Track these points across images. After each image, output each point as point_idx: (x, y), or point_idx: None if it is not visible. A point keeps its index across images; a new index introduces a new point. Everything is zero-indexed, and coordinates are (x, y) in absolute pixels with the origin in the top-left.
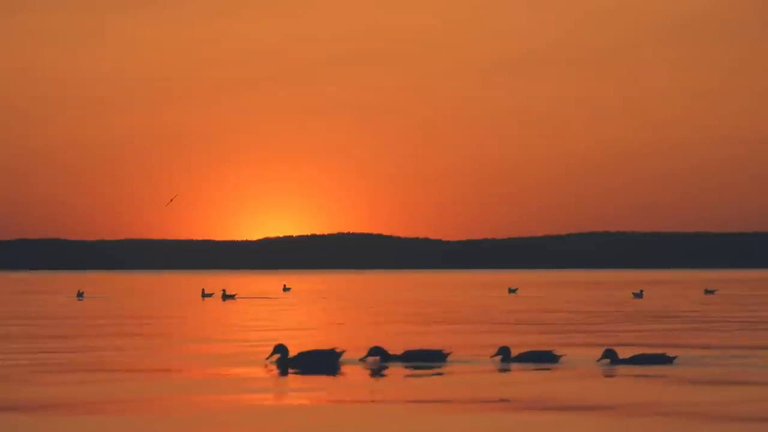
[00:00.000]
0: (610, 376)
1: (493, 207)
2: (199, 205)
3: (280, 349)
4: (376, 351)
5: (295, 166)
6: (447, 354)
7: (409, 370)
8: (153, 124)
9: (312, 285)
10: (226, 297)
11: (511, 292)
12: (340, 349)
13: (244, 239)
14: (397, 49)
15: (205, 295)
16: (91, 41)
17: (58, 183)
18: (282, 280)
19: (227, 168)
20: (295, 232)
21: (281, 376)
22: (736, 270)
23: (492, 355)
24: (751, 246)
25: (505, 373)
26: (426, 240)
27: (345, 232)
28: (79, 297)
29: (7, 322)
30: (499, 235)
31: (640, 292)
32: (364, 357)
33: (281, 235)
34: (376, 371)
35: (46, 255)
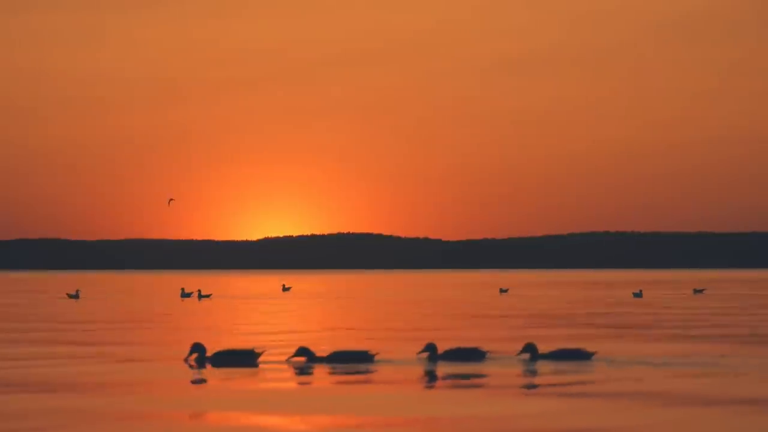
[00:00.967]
0: (528, 372)
1: (493, 207)
2: (200, 205)
3: (198, 347)
4: (303, 352)
5: (296, 166)
6: (374, 354)
7: (333, 371)
8: (153, 124)
9: (311, 285)
10: (202, 297)
11: (502, 292)
12: (260, 349)
13: (245, 239)
14: (397, 48)
15: (185, 295)
16: (91, 41)
17: (58, 183)
18: (282, 280)
19: (227, 168)
20: (295, 232)
21: (197, 376)
22: (736, 270)
23: (418, 353)
24: (751, 246)
25: (427, 372)
26: (426, 240)
27: (345, 232)
28: (73, 296)
29: None
30: (499, 235)
31: (640, 291)
32: (290, 357)
33: (281, 235)
34: (298, 371)
35: (46, 255)
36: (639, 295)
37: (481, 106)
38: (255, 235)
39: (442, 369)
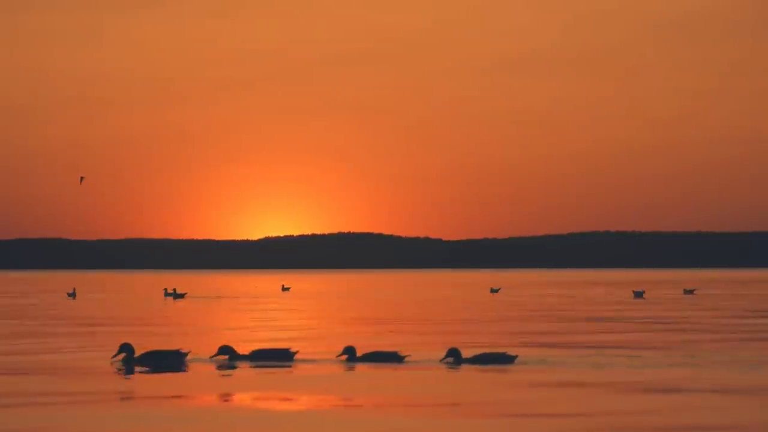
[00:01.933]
0: (446, 376)
1: (493, 207)
2: (200, 205)
3: (126, 348)
4: (225, 350)
5: (296, 166)
6: (294, 353)
7: (255, 369)
8: (153, 124)
9: (311, 285)
10: (177, 296)
11: (493, 292)
12: (186, 350)
13: (245, 239)
14: (397, 48)
15: (168, 294)
16: (90, 41)
17: (58, 182)
18: (281, 280)
19: (228, 168)
20: (295, 232)
21: (125, 375)
22: (736, 270)
23: (337, 355)
24: (751, 246)
25: (346, 371)
26: (426, 239)
27: (345, 231)
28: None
29: None
30: (499, 235)
31: (641, 291)
32: (213, 356)
33: (282, 234)
34: (221, 370)
35: (47, 254)
36: (640, 294)
37: (482, 106)
38: (255, 234)
39: (360, 370)
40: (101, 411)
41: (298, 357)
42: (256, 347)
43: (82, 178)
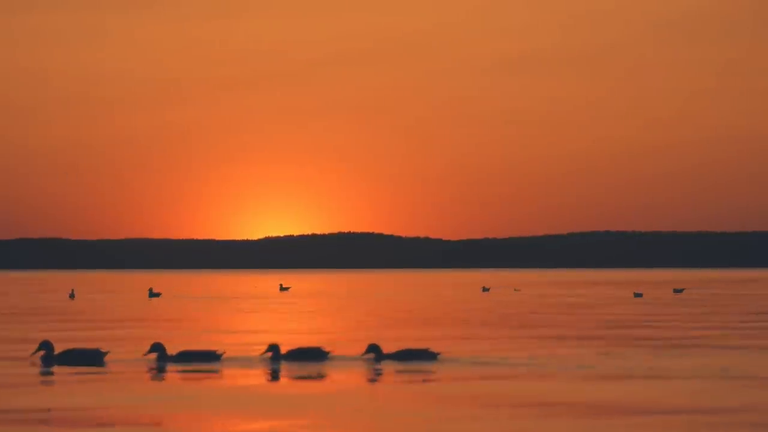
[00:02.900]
0: (366, 373)
1: (493, 206)
2: (201, 205)
3: (46, 345)
4: (156, 348)
5: (296, 166)
6: (221, 354)
7: (182, 369)
8: (153, 124)
9: (310, 285)
10: (152, 295)
11: (484, 291)
12: (105, 349)
13: (245, 239)
14: (397, 49)
15: (153, 295)
16: (91, 41)
17: (59, 182)
18: (281, 280)
19: (228, 168)
20: (295, 232)
21: (43, 373)
22: (736, 270)
23: (261, 354)
24: (751, 246)
25: (270, 371)
26: (426, 239)
27: (345, 231)
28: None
29: None
30: (499, 235)
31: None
32: (146, 353)
33: (282, 234)
34: (147, 369)
35: (47, 254)
36: (640, 295)
37: (482, 106)
38: (256, 234)
39: (284, 369)
40: None
41: (226, 357)
42: (185, 348)
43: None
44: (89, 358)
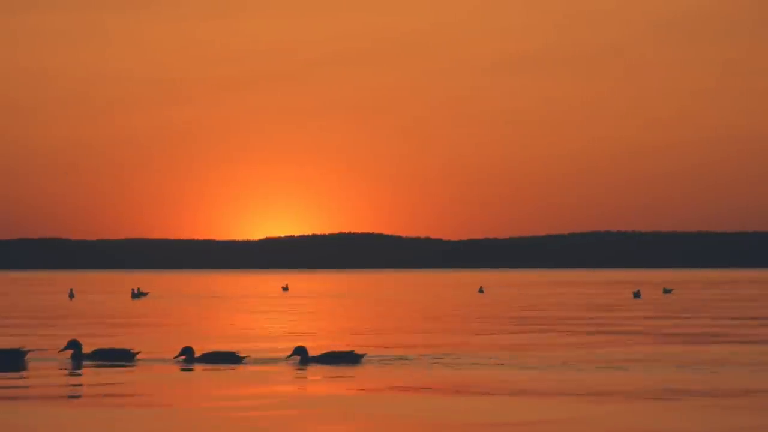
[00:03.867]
0: (280, 375)
1: (493, 207)
2: (201, 205)
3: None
4: (72, 345)
5: (297, 166)
6: (135, 353)
7: (96, 367)
8: (154, 124)
9: (311, 285)
10: (137, 295)
11: (480, 292)
12: (26, 348)
13: (246, 239)
14: (396, 49)
15: (136, 295)
16: (92, 40)
17: (59, 182)
18: (283, 280)
19: (229, 168)
20: (296, 232)
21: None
22: (736, 270)
23: (175, 356)
24: (751, 246)
25: (182, 371)
26: (427, 240)
27: (346, 231)
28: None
29: None
30: (500, 235)
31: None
32: (61, 350)
33: (283, 234)
34: (62, 368)
35: (47, 255)
36: (638, 295)
37: (482, 106)
38: (256, 234)
39: (198, 368)
40: None
41: (140, 357)
42: (100, 346)
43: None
44: (7, 358)
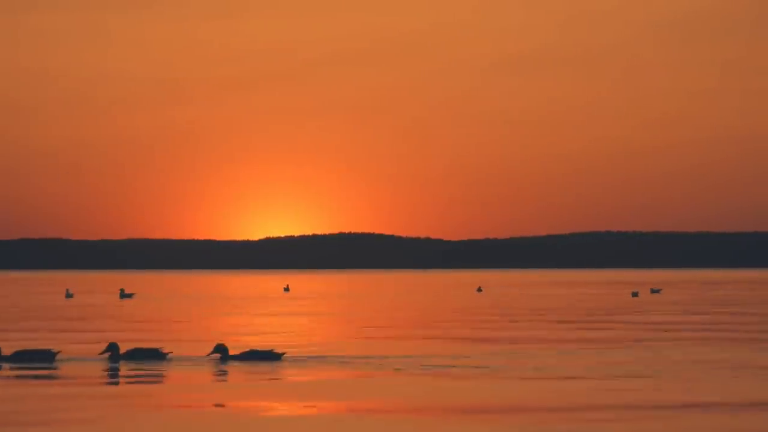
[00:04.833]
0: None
1: (493, 207)
2: (201, 205)
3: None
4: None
5: (297, 166)
6: (56, 353)
7: (15, 369)
8: (154, 124)
9: (312, 285)
10: (124, 296)
11: (479, 291)
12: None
13: (246, 239)
14: (396, 49)
15: (125, 295)
16: (93, 41)
17: (60, 182)
18: (282, 280)
19: (229, 168)
20: (296, 232)
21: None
22: (736, 269)
23: (100, 353)
24: (751, 246)
25: (108, 369)
26: (427, 240)
27: (346, 231)
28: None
29: None
30: (500, 235)
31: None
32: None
33: (282, 234)
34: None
35: (48, 255)
36: (636, 294)
37: (482, 106)
38: (256, 234)
39: (123, 367)
40: None
41: (60, 357)
42: (20, 348)
43: None
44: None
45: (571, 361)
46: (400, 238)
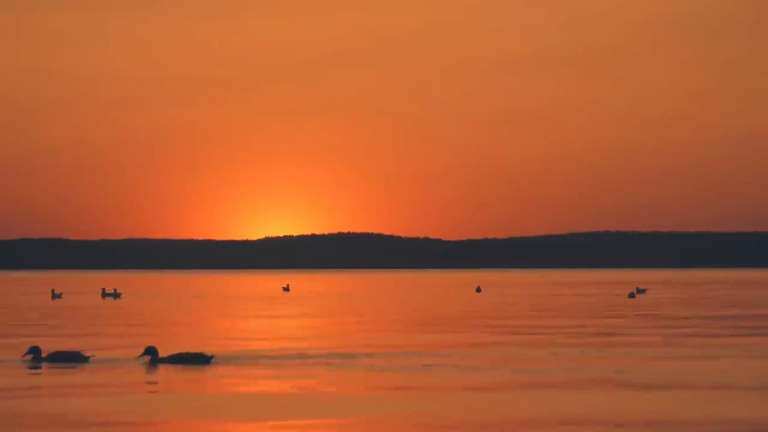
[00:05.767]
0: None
1: (493, 207)
2: (201, 205)
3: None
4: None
5: (296, 167)
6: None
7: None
8: (154, 125)
9: (312, 285)
10: (106, 295)
11: (477, 291)
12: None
13: (245, 239)
14: (396, 49)
15: (106, 295)
16: (94, 41)
17: (60, 182)
18: (281, 280)
19: (228, 168)
20: (295, 232)
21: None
22: (736, 270)
23: (22, 355)
24: (750, 246)
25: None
26: (426, 240)
27: (345, 231)
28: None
29: None
30: (499, 235)
31: (635, 291)
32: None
33: (282, 234)
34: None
35: (48, 254)
36: (633, 295)
37: (482, 106)
38: (256, 234)
39: (45, 369)
40: None
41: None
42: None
43: None
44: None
45: (560, 363)
46: (399, 238)
